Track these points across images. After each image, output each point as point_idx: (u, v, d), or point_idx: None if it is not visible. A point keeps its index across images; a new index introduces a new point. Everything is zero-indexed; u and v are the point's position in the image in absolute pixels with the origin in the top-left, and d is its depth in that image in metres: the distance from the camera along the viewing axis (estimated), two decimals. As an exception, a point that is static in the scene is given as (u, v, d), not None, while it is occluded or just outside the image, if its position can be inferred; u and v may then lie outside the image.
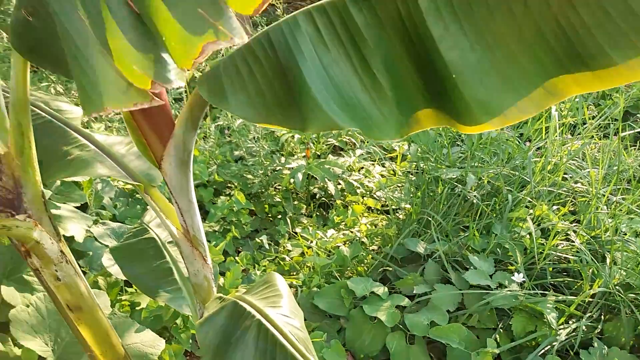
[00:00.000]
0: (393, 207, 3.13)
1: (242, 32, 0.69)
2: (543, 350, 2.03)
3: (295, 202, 3.44)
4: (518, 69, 0.82)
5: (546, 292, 2.22)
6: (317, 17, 0.90)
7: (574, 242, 2.42)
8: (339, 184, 3.45)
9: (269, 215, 3.42)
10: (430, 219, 2.61)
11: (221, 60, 0.97)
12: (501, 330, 2.15)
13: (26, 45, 0.97)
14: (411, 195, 2.95)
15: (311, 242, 2.88)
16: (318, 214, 3.40)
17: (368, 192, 3.44)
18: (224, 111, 3.78)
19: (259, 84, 0.94)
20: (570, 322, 2.14)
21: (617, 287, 2.15)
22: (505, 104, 0.83)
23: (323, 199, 3.51)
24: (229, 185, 3.58)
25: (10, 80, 1.03)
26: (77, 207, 2.17)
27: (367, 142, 3.91)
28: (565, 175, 2.85)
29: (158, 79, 0.73)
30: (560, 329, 2.06)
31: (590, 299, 2.22)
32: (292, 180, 3.44)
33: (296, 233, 3.15)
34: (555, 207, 2.67)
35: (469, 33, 0.83)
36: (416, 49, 0.87)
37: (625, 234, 2.47)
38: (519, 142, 3.05)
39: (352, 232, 2.97)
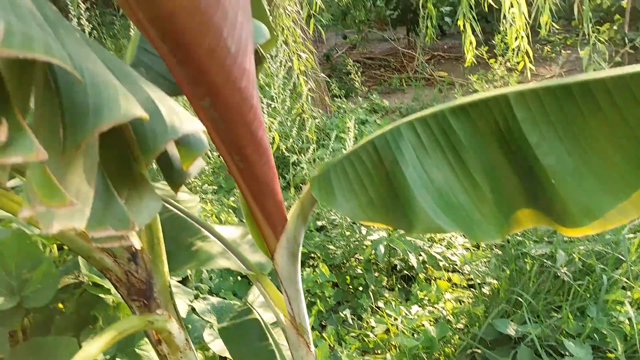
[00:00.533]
0: (478, 281, 3.09)
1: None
2: None
3: (377, 274, 3.47)
4: (616, 173, 0.86)
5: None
6: (418, 127, 0.99)
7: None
8: (421, 255, 3.46)
9: (351, 287, 3.46)
10: (519, 298, 2.55)
11: (331, 164, 1.09)
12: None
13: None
14: (499, 270, 2.91)
15: (395, 319, 2.88)
16: (400, 286, 3.40)
17: (451, 266, 3.41)
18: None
19: (365, 186, 1.04)
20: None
21: None
22: (605, 207, 0.87)
23: (405, 271, 3.52)
24: (312, 255, 3.69)
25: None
26: (179, 282, 2.33)
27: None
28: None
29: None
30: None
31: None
32: (373, 251, 3.49)
33: (378, 307, 3.16)
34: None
35: (565, 139, 0.89)
36: (514, 154, 0.94)
37: None
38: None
39: (436, 308, 2.95)
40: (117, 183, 0.71)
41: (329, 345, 2.67)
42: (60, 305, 2.26)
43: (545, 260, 2.67)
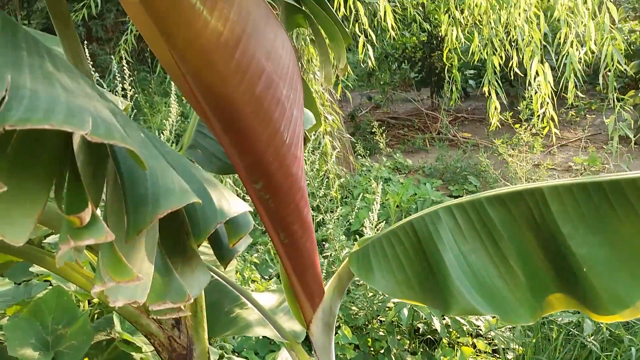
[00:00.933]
0: (502, 346, 3.05)
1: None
2: None
3: (399, 337, 3.45)
4: (646, 266, 0.91)
5: None
6: (456, 212, 1.06)
7: None
8: (444, 319, 3.43)
9: (372, 350, 3.44)
10: (546, 366, 2.52)
11: (369, 241, 1.15)
12: None
13: None
14: (524, 337, 2.88)
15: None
16: (422, 350, 3.36)
17: (475, 330, 3.38)
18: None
19: (402, 265, 1.10)
20: None
21: None
22: (636, 297, 0.91)
23: (428, 335, 3.49)
24: (334, 315, 3.67)
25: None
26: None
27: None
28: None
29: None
30: None
31: None
32: (397, 314, 3.48)
33: (401, 370, 3.13)
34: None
35: (597, 233, 0.94)
36: (547, 243, 0.99)
37: None
38: None
39: (461, 373, 2.91)
40: (172, 258, 0.78)
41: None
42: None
43: (571, 329, 2.64)
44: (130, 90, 3.51)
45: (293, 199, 1.05)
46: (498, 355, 3.03)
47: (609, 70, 3.94)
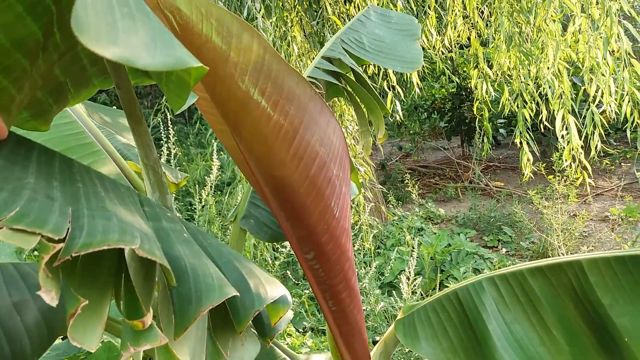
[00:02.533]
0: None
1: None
2: None
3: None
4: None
5: None
6: (499, 283, 1.11)
7: None
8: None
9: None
10: None
11: (415, 310, 1.20)
12: None
13: None
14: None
15: None
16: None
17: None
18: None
19: (447, 332, 1.15)
20: None
21: None
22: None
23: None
24: None
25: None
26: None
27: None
28: None
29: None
30: None
31: None
32: None
33: None
34: None
35: (637, 303, 0.98)
36: (588, 312, 1.03)
37: None
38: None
39: None
40: (223, 335, 0.84)
41: None
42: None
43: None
44: (174, 149, 3.68)
45: (342, 269, 1.12)
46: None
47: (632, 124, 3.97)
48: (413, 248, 3.57)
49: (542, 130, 4.94)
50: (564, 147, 4.70)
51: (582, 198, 6.39)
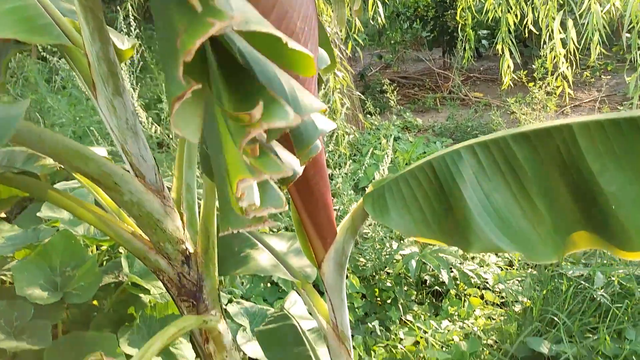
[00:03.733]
0: (510, 300, 3.06)
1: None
2: None
3: (406, 288, 3.47)
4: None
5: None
6: (478, 151, 1.01)
7: None
8: (452, 272, 3.44)
9: (379, 300, 3.46)
10: (554, 317, 2.53)
11: (385, 182, 1.11)
12: None
13: (205, 170, 1.17)
14: (533, 290, 2.88)
15: (425, 332, 2.87)
16: (429, 301, 3.39)
17: (483, 283, 3.39)
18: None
19: (420, 204, 1.06)
20: None
21: None
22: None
23: (436, 286, 3.50)
24: (341, 268, 3.69)
25: (202, 193, 1.24)
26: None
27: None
28: None
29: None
30: None
31: None
32: (404, 266, 3.49)
33: (407, 320, 3.16)
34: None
35: (628, 170, 0.90)
36: (574, 180, 0.95)
37: None
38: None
39: (466, 324, 2.93)
40: None
41: (358, 355, 2.68)
42: (96, 303, 2.32)
43: (582, 282, 2.63)
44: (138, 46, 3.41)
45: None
46: (506, 308, 3.04)
47: (632, 28, 3.81)
48: (388, 148, 3.49)
49: (526, 37, 4.75)
50: (546, 54, 4.55)
51: (560, 109, 6.34)
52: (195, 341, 1.31)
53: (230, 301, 2.42)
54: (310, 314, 1.49)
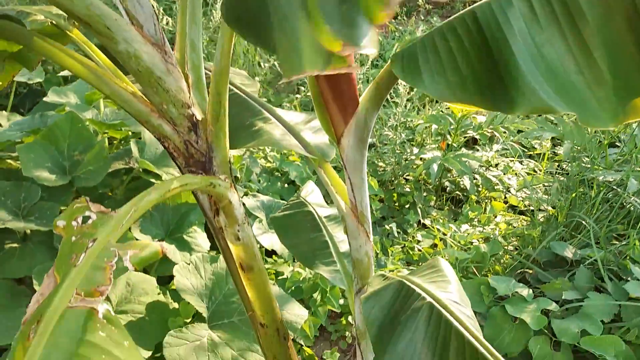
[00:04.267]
0: (534, 208, 2.96)
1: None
2: None
3: (425, 194, 3.39)
4: None
5: None
6: (533, -6, 0.85)
7: None
8: (475, 178, 3.33)
9: (397, 205, 3.40)
10: (583, 221, 2.43)
11: (417, 39, 0.96)
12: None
13: (234, 16, 1.02)
14: (560, 196, 2.76)
15: (444, 234, 2.82)
16: (448, 208, 3.31)
17: (506, 190, 3.28)
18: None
19: (457, 63, 0.92)
20: None
21: None
22: None
23: (456, 192, 3.41)
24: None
25: (216, 52, 1.10)
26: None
27: (506, 137, 3.74)
28: None
29: (349, 42, 0.71)
30: None
31: None
32: (424, 171, 3.39)
33: (425, 225, 3.10)
34: None
35: None
36: (646, 33, 0.79)
37: None
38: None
39: (487, 229, 2.86)
40: None
41: (375, 252, 2.66)
42: (109, 193, 2.28)
43: (614, 187, 2.51)
44: None
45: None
46: (529, 216, 2.95)
47: None
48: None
49: None
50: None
51: None
52: (207, 221, 1.23)
53: (246, 194, 2.36)
54: (327, 200, 1.40)
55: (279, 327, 1.36)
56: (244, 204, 2.26)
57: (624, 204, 2.51)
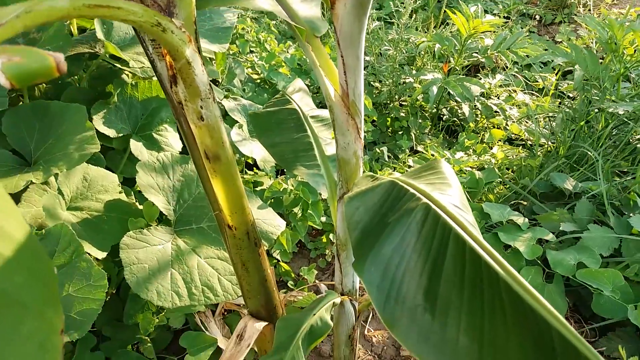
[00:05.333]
0: (535, 140, 2.78)
1: None
2: None
3: (420, 121, 3.19)
4: None
5: None
6: None
7: None
8: (475, 107, 3.13)
9: (390, 130, 3.20)
10: (585, 154, 2.27)
11: None
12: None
13: None
14: (564, 127, 2.57)
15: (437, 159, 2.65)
16: (443, 136, 3.13)
17: (507, 119, 3.09)
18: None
19: None
20: None
21: None
22: None
23: (453, 120, 3.21)
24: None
25: None
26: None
27: (509, 68, 3.51)
28: None
29: None
30: None
31: None
32: (421, 96, 3.17)
33: (418, 151, 2.93)
34: None
35: None
36: None
37: None
38: None
39: (483, 159, 2.69)
40: None
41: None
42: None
43: (626, 119, 2.32)
44: None
45: None
46: (525, 148, 2.78)
47: None
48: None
49: None
50: None
51: None
52: (166, 96, 1.02)
53: (226, 97, 2.14)
54: (314, 91, 1.19)
55: (250, 231, 1.19)
56: (222, 105, 2.05)
57: (630, 140, 2.34)
